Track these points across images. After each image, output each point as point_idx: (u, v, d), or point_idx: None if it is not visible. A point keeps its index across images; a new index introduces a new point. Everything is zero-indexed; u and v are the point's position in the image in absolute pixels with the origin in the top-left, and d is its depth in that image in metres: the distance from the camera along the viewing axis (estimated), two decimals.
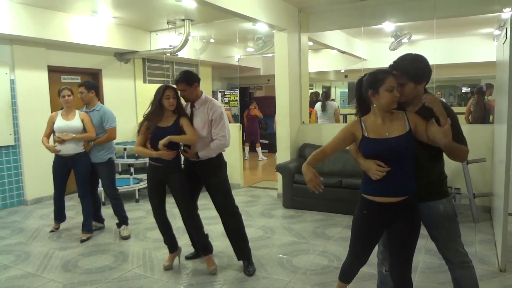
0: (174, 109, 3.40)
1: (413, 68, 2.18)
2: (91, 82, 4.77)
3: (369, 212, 2.25)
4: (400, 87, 2.16)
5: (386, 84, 2.11)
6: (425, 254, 3.80)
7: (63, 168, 4.47)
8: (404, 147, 2.14)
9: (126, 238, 4.48)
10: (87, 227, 4.50)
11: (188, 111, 3.53)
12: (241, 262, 3.64)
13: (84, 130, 4.38)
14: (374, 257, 2.53)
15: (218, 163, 3.53)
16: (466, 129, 5.27)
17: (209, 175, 3.52)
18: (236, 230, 3.62)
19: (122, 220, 4.62)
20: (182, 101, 3.53)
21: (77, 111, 4.44)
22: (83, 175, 4.44)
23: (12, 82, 5.89)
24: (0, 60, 5.75)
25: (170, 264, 3.65)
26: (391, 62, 2.27)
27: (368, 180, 2.22)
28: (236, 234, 3.63)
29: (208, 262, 3.55)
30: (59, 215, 4.73)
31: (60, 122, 4.34)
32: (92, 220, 4.63)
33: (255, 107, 10.68)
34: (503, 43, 3.76)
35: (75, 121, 4.36)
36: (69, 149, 4.34)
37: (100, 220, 4.88)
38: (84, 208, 4.49)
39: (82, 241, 4.40)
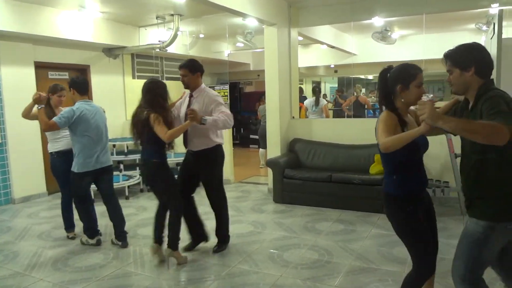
0: None
1: (455, 53, 2.00)
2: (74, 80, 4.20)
3: (415, 207, 2.24)
4: (449, 74, 2.03)
5: (417, 80, 2.12)
6: None
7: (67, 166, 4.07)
8: (426, 142, 2.24)
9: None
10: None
11: (187, 100, 3.68)
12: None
13: None
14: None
15: (214, 157, 3.69)
16: None
17: (205, 170, 3.70)
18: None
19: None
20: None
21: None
22: None
23: None
24: None
25: None
26: (380, 57, 2.25)
27: (404, 180, 2.24)
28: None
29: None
30: (71, 222, 4.43)
31: None
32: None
33: None
34: (491, 38, 3.80)
35: None
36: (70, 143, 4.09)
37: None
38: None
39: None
